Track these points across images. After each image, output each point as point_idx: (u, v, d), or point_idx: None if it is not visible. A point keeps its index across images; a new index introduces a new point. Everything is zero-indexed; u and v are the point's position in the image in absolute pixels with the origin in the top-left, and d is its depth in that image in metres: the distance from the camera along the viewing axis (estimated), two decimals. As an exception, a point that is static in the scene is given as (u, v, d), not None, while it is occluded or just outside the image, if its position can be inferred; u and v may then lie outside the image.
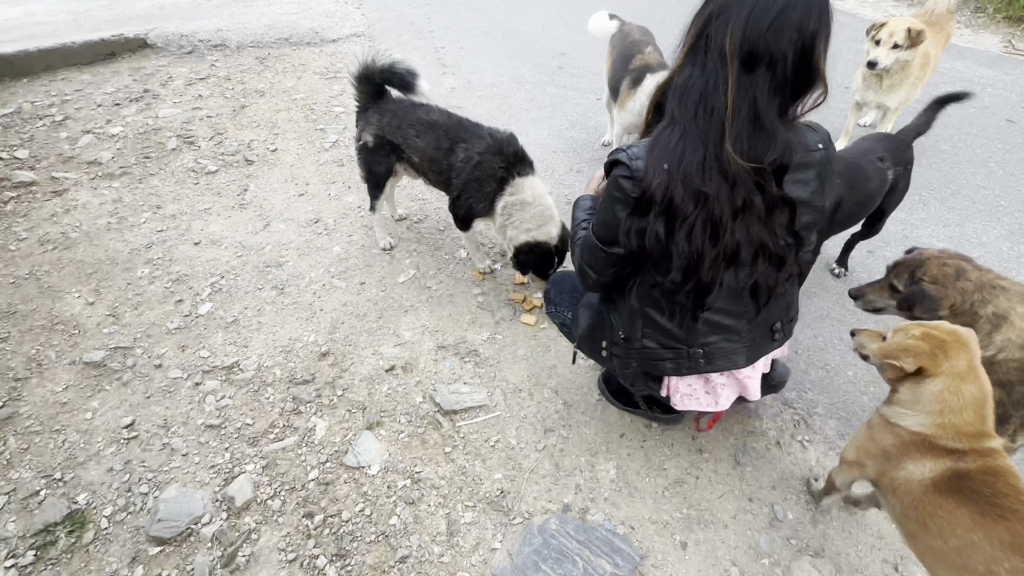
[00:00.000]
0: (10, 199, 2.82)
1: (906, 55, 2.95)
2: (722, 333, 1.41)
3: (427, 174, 2.40)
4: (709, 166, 1.15)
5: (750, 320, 1.40)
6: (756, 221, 1.20)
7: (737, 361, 1.45)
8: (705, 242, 1.20)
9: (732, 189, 1.15)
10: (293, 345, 2.19)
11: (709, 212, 1.17)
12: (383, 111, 2.35)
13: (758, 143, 1.13)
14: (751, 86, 1.09)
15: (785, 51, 1.06)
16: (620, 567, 1.53)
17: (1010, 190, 3.23)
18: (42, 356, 2.07)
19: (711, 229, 1.19)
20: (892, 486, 1.26)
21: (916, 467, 1.20)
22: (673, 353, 1.45)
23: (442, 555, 1.57)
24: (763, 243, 1.23)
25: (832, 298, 2.51)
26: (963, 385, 1.18)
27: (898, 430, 1.27)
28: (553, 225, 2.20)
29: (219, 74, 4.22)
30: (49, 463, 1.74)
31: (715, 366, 1.44)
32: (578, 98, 4.22)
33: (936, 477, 1.17)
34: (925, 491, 1.18)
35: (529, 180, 2.18)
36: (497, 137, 2.20)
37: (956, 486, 1.14)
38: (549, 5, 6.18)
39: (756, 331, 1.44)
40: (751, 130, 1.12)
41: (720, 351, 1.43)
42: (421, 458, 1.82)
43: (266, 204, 2.97)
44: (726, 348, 1.43)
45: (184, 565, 1.52)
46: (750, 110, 1.10)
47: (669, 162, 1.17)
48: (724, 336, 1.41)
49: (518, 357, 2.20)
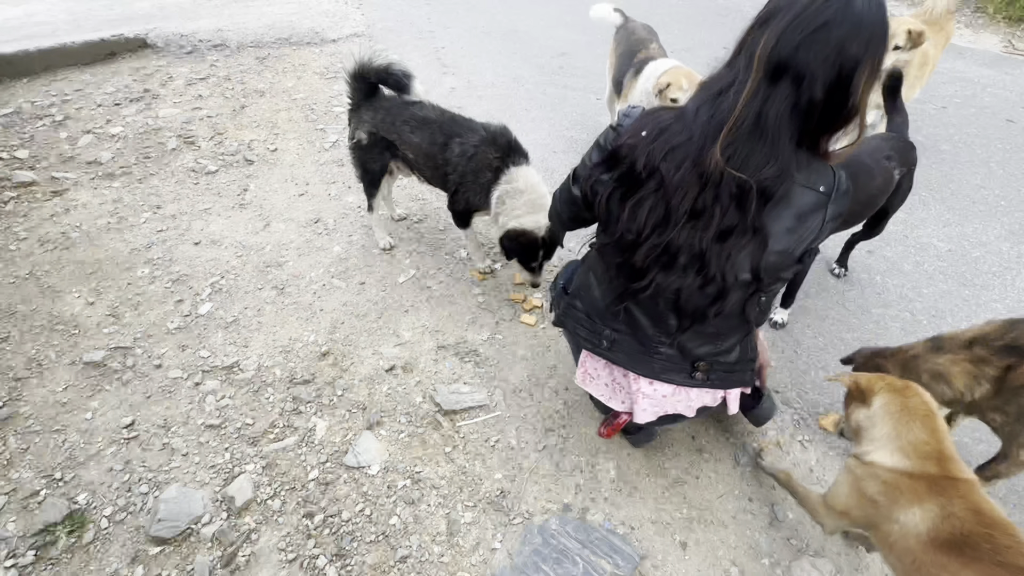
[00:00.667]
0: (10, 199, 2.81)
1: (906, 56, 2.95)
2: (634, 330, 1.36)
3: (422, 170, 2.40)
4: (687, 155, 1.09)
5: (669, 335, 1.33)
6: (711, 234, 1.11)
7: (637, 366, 1.40)
8: (648, 225, 1.14)
9: (701, 190, 1.09)
10: (293, 345, 2.19)
11: (666, 199, 1.12)
12: (376, 108, 2.36)
13: (753, 155, 1.05)
14: (769, 97, 1.02)
15: (815, 70, 0.98)
16: (620, 567, 1.53)
17: (1010, 190, 3.23)
18: (42, 356, 2.07)
19: (661, 217, 1.13)
20: (888, 542, 1.20)
21: (907, 517, 1.15)
22: (589, 324, 1.44)
23: (442, 555, 1.57)
24: (706, 260, 1.14)
25: (832, 298, 2.51)
26: (903, 399, 1.26)
27: (875, 470, 1.25)
28: (543, 214, 2.14)
29: (219, 74, 4.22)
30: (49, 463, 1.74)
31: (615, 358, 1.42)
32: (578, 98, 4.22)
33: (931, 529, 1.11)
34: (924, 549, 1.11)
35: (523, 169, 2.19)
36: (490, 129, 2.21)
37: (955, 542, 1.08)
38: (549, 5, 6.18)
39: (669, 351, 1.36)
40: (750, 140, 1.05)
41: (625, 346, 1.39)
42: (421, 458, 1.82)
43: (266, 204, 2.97)
44: (632, 347, 1.38)
45: (184, 565, 1.52)
46: (756, 120, 1.03)
47: (649, 131, 1.13)
48: (634, 334, 1.37)
49: (518, 357, 2.20)
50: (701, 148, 1.08)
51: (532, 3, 6.28)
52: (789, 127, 1.04)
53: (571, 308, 1.52)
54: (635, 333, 1.38)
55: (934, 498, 1.14)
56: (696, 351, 1.36)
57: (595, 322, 1.44)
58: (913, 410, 1.24)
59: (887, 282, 2.61)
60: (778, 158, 1.05)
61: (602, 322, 1.42)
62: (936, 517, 1.12)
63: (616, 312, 1.37)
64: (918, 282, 2.60)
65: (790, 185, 1.09)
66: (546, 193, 2.21)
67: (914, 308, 2.47)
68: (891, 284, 2.60)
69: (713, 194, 1.08)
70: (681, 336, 1.32)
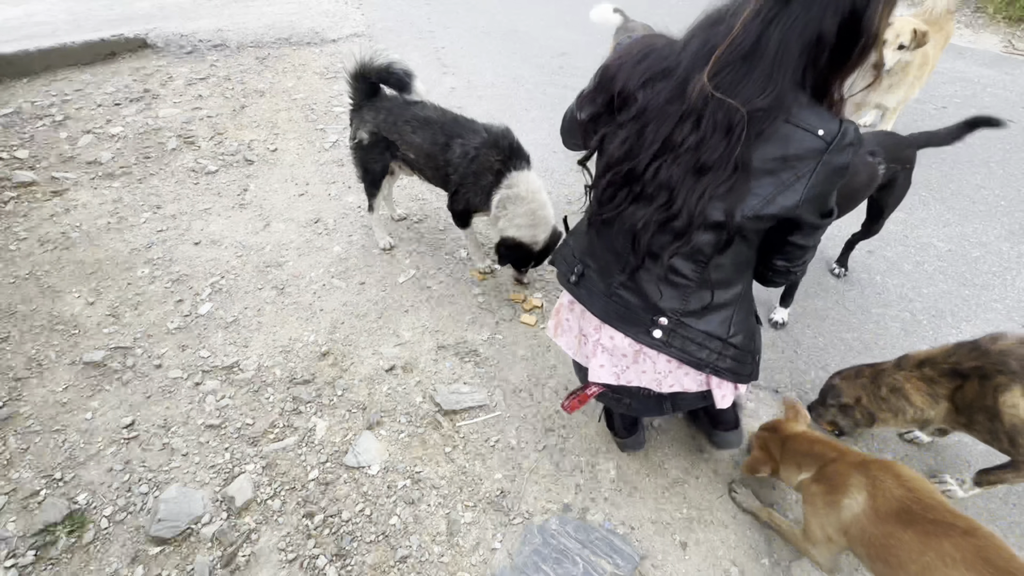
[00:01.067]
0: (10, 199, 2.81)
1: (909, 56, 2.95)
2: (599, 265, 1.27)
3: (423, 170, 2.40)
4: (669, 81, 1.02)
5: (626, 272, 1.21)
6: (684, 168, 1.02)
7: (594, 305, 1.29)
8: (616, 155, 1.09)
9: (680, 120, 1.00)
10: (293, 345, 2.19)
11: (641, 126, 1.05)
12: (378, 108, 2.36)
13: (745, 83, 0.94)
14: (775, 19, 0.91)
15: None
16: (620, 567, 1.53)
17: (1010, 190, 3.22)
18: (42, 356, 2.07)
19: (631, 147, 1.07)
20: (856, 539, 1.30)
21: (849, 500, 1.32)
22: (570, 259, 1.36)
23: (442, 555, 1.57)
24: (673, 194, 1.04)
25: (832, 298, 2.51)
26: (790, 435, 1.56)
27: (805, 482, 1.47)
28: (542, 230, 2.21)
29: (219, 74, 4.22)
30: (49, 463, 1.74)
31: (578, 293, 1.33)
32: (578, 98, 4.21)
33: (868, 500, 1.28)
34: (872, 523, 1.26)
35: (525, 174, 2.18)
36: (492, 131, 2.20)
37: (893, 510, 1.22)
38: (549, 5, 6.18)
39: (629, 295, 1.23)
40: (744, 65, 0.94)
41: (589, 283, 1.30)
42: (421, 458, 1.82)
43: (266, 204, 2.97)
44: (595, 284, 1.29)
45: (184, 565, 1.52)
46: (756, 42, 0.93)
47: (636, 53, 1.08)
48: (599, 269, 1.28)
49: (518, 357, 2.19)
50: (687, 75, 0.99)
51: (532, 3, 6.28)
52: (793, 57, 0.93)
53: (564, 246, 1.44)
54: (600, 268, 1.27)
55: (853, 467, 1.35)
56: (659, 302, 1.19)
57: (573, 256, 1.36)
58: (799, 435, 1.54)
59: (887, 282, 2.61)
60: (775, 88, 0.94)
61: (578, 256, 1.34)
62: (867, 485, 1.29)
63: (590, 242, 1.29)
64: (918, 282, 2.60)
65: (781, 123, 0.97)
66: (547, 202, 2.23)
67: (914, 308, 2.46)
68: (891, 284, 2.60)
69: (691, 124, 0.99)
70: (638, 274, 1.18)
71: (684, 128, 1.00)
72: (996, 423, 1.46)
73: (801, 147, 0.99)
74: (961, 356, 1.52)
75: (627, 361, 1.32)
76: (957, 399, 1.53)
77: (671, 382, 1.31)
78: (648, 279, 1.19)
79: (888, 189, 2.17)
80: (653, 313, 1.21)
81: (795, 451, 1.51)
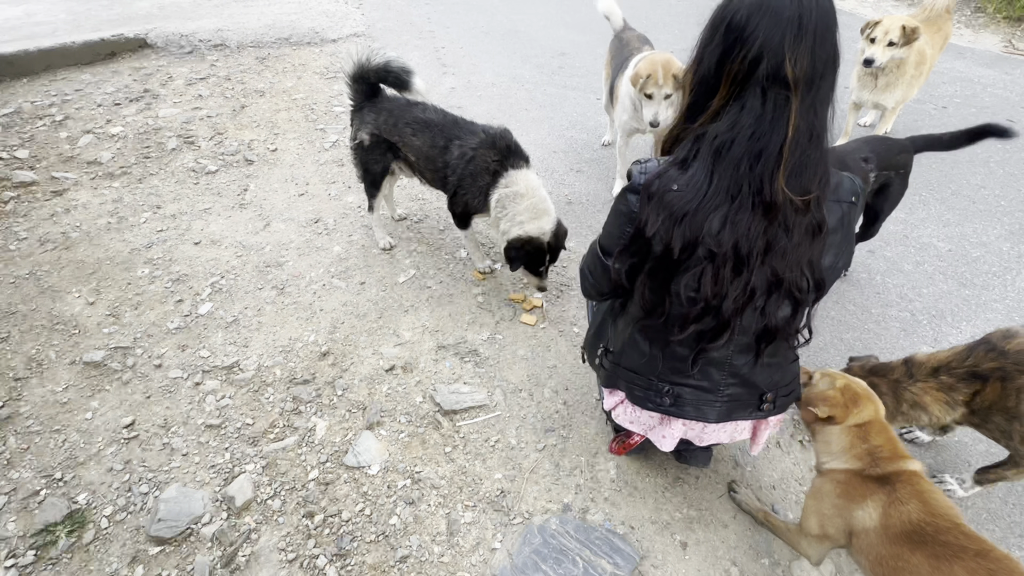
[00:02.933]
0: (10, 199, 2.81)
1: (901, 53, 2.95)
2: (701, 379, 1.31)
3: (423, 172, 2.40)
4: (739, 208, 1.07)
5: (735, 375, 1.30)
6: (781, 257, 1.10)
7: (706, 414, 1.35)
8: (724, 283, 1.11)
9: (768, 226, 1.07)
10: (293, 345, 2.19)
11: (733, 254, 1.09)
12: (379, 110, 2.35)
13: (808, 170, 1.05)
14: (812, 104, 1.02)
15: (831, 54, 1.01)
16: (620, 567, 1.53)
17: (1010, 190, 3.22)
18: (42, 356, 2.07)
19: (732, 270, 1.10)
20: (859, 548, 1.27)
21: (862, 512, 1.25)
22: (644, 382, 1.37)
23: (442, 555, 1.57)
24: (780, 278, 1.12)
25: (832, 298, 2.51)
26: (864, 428, 1.33)
27: (834, 475, 1.35)
28: (547, 219, 2.16)
29: (219, 74, 4.22)
30: (49, 463, 1.74)
31: (682, 412, 1.35)
32: (578, 98, 4.22)
33: (882, 519, 1.21)
34: (880, 542, 1.20)
35: (523, 172, 2.17)
36: (490, 132, 2.20)
37: (905, 531, 1.17)
38: (549, 5, 6.18)
39: (740, 390, 1.32)
40: (807, 154, 1.04)
41: (691, 397, 1.34)
42: (421, 458, 1.82)
43: (266, 204, 2.97)
44: (698, 397, 1.33)
45: (184, 565, 1.52)
46: (809, 131, 1.03)
47: (668, 214, 1.09)
48: (699, 385, 1.32)
49: (518, 357, 2.19)
50: (759, 190, 1.05)
51: (532, 3, 6.28)
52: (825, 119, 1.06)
53: (617, 367, 1.43)
54: (701, 383, 1.32)
55: (882, 488, 1.25)
56: (762, 384, 1.32)
57: (651, 380, 1.36)
58: (870, 428, 1.33)
59: (887, 282, 2.61)
60: (824, 161, 1.07)
61: (659, 379, 1.35)
62: (884, 504, 1.22)
63: (680, 370, 1.31)
64: (918, 282, 2.60)
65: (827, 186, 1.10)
66: (547, 197, 2.21)
67: (914, 308, 2.47)
68: (891, 284, 2.60)
69: (780, 222, 1.07)
70: (753, 371, 1.29)
71: (774, 230, 1.08)
72: (1014, 424, 1.44)
73: (839, 217, 1.14)
74: (978, 358, 1.49)
75: (706, 432, 1.42)
76: (976, 402, 1.49)
77: (740, 436, 1.44)
78: (752, 370, 1.29)
79: (882, 194, 2.17)
80: (762, 395, 1.34)
81: (863, 431, 1.34)
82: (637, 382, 1.39)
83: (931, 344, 2.28)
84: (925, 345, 2.28)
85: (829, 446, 1.38)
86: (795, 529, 1.47)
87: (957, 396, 1.51)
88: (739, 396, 1.32)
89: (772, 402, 1.35)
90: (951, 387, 1.52)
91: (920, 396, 1.55)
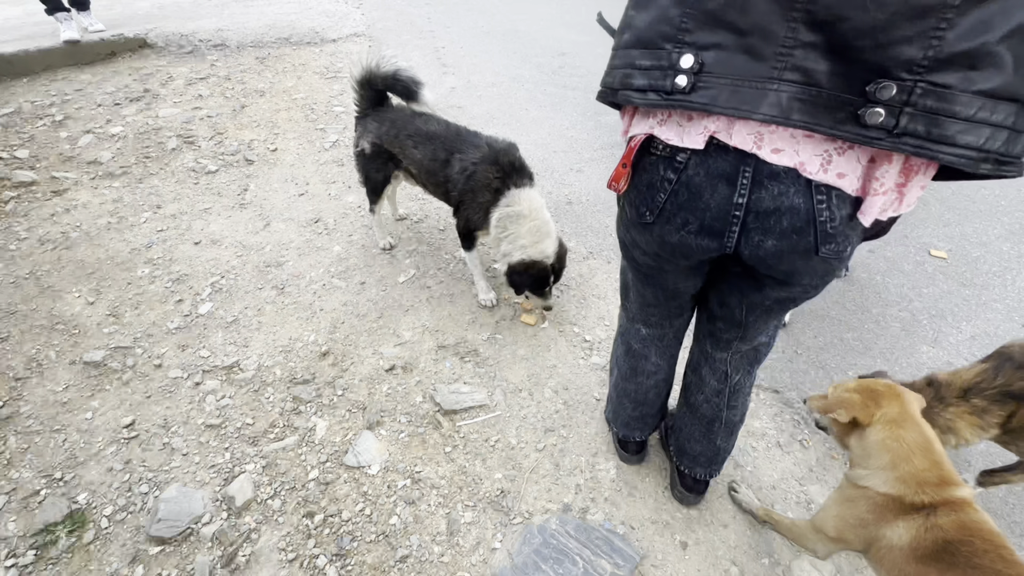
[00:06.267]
0: (10, 199, 2.82)
1: None
2: (745, 31, 0.74)
3: (425, 185, 2.37)
4: None
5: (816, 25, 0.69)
6: None
7: (748, 101, 0.75)
8: None
9: None
10: (293, 345, 2.19)
11: None
12: (382, 119, 2.31)
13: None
14: None
15: None
16: (620, 567, 1.53)
17: (1010, 190, 3.23)
18: (42, 356, 2.07)
19: None
20: (879, 558, 1.18)
21: (891, 532, 1.14)
22: (650, 55, 0.82)
23: (442, 555, 1.57)
24: None
25: (832, 298, 2.51)
26: (900, 431, 1.18)
27: (868, 492, 1.21)
28: (549, 242, 2.10)
29: (219, 74, 4.22)
30: (49, 463, 1.74)
31: (706, 99, 0.78)
32: (578, 98, 4.22)
33: (913, 541, 1.10)
34: (907, 560, 1.10)
35: (526, 192, 2.08)
36: (494, 146, 2.10)
37: (935, 551, 1.07)
38: (549, 5, 6.18)
39: (822, 64, 0.71)
40: None
41: (726, 67, 0.76)
42: (421, 458, 1.82)
43: (266, 204, 2.97)
44: (741, 67, 0.75)
45: (184, 565, 1.52)
46: None
47: None
48: (744, 38, 0.74)
49: (518, 357, 2.20)
50: None
51: (532, 3, 6.28)
52: None
53: (617, 51, 0.89)
54: (745, 39, 0.74)
55: (920, 513, 1.12)
56: (871, 56, 0.67)
57: (660, 45, 0.80)
58: (912, 445, 1.18)
59: (887, 282, 2.61)
60: None
61: (672, 41, 0.79)
62: (919, 528, 1.10)
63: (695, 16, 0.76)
64: (918, 282, 2.60)
65: None
66: (549, 219, 2.14)
67: (914, 308, 2.47)
68: (891, 284, 2.60)
69: None
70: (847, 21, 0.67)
71: None
72: None
73: None
74: (1009, 377, 1.43)
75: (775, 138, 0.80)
76: (1011, 423, 1.44)
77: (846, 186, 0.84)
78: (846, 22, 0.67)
79: None
80: (865, 81, 0.68)
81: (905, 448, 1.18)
82: (635, 58, 0.84)
83: (931, 344, 2.28)
84: (925, 345, 2.28)
85: (867, 460, 1.22)
86: (804, 525, 1.41)
87: (991, 419, 1.45)
88: (817, 77, 0.71)
89: (895, 110, 0.67)
90: (984, 410, 1.45)
91: (954, 422, 1.47)
